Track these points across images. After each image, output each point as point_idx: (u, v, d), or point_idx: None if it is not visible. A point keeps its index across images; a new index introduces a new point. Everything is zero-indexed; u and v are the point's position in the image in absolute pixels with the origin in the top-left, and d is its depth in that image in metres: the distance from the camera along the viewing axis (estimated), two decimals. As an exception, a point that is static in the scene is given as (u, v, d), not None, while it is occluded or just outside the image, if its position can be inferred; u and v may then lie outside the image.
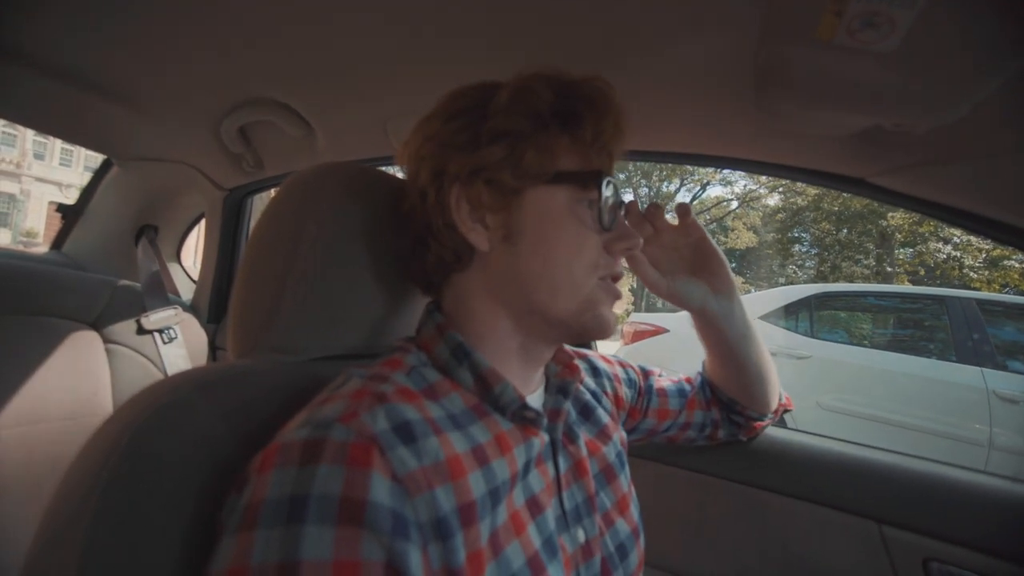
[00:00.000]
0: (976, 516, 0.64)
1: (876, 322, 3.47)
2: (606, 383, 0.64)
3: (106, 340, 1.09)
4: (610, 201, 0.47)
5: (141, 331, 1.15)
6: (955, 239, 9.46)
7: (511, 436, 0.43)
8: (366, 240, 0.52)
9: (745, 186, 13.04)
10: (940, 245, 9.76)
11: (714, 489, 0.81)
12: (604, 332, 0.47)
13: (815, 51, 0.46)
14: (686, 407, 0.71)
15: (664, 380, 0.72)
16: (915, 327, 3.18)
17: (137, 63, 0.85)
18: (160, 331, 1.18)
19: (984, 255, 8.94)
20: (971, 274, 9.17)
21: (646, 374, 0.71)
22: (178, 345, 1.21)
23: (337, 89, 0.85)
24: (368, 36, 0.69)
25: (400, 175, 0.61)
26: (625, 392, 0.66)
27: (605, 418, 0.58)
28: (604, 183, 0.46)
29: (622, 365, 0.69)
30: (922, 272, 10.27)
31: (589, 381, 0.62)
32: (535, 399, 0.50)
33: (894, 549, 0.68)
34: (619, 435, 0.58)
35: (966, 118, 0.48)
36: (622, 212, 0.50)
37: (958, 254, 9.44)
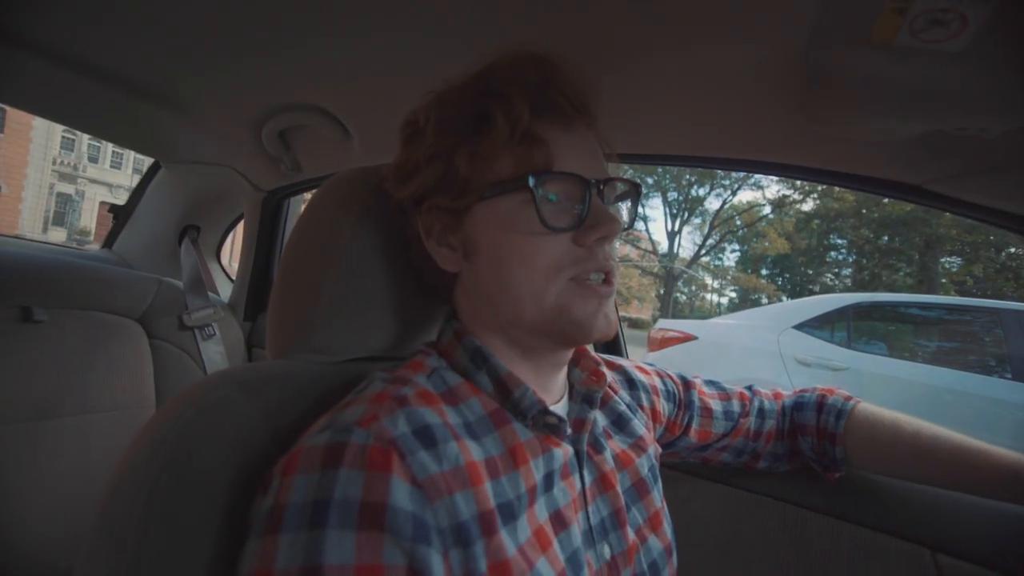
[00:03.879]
0: None
1: (919, 334, 3.29)
2: (643, 396, 0.61)
3: (150, 335, 1.14)
4: (554, 196, 0.42)
5: (182, 327, 1.20)
6: (1010, 248, 8.91)
7: (529, 448, 0.42)
8: (399, 243, 0.52)
9: (778, 191, 12.65)
10: (993, 254, 9.22)
11: (751, 506, 0.78)
12: (584, 336, 0.43)
13: (870, 52, 0.44)
14: (731, 433, 0.66)
15: (710, 396, 0.67)
16: (964, 340, 3.00)
17: (186, 71, 0.89)
18: (200, 328, 1.23)
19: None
20: (1026, 286, 8.62)
21: (687, 385, 0.67)
22: (216, 342, 1.26)
23: (375, 95, 0.86)
24: (405, 48, 0.70)
25: None
26: (664, 406, 0.63)
27: (640, 429, 0.56)
28: (535, 181, 0.41)
29: (660, 376, 0.66)
30: (970, 282, 9.71)
31: (624, 394, 0.59)
32: (559, 408, 0.48)
33: None
34: (654, 448, 0.56)
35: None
36: (592, 197, 0.43)
37: (1014, 264, 8.88)
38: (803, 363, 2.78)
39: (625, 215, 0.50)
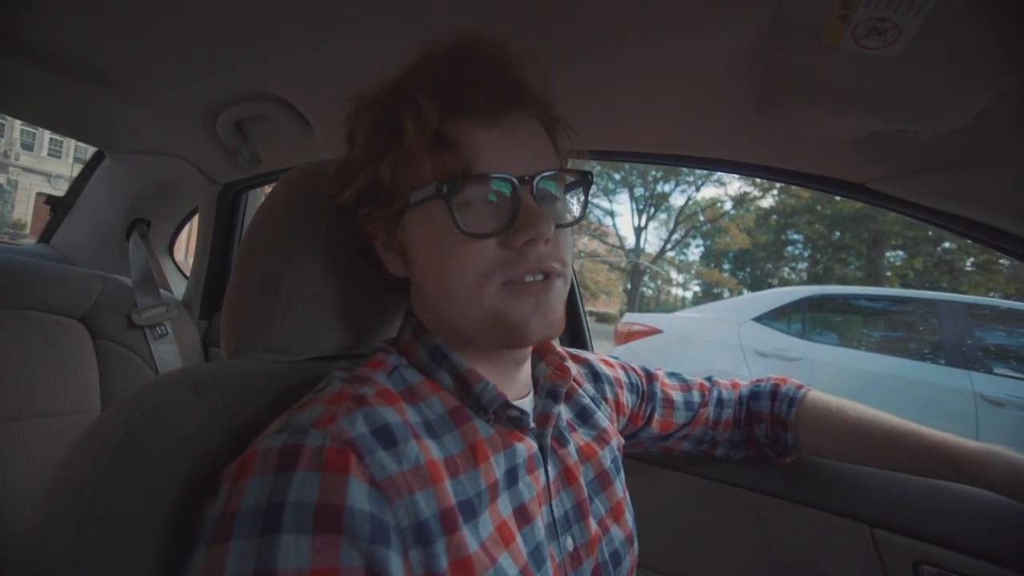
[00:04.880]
0: (966, 520, 0.65)
1: (868, 324, 3.50)
2: (607, 388, 0.62)
3: (95, 336, 1.07)
4: (475, 199, 0.40)
5: (131, 326, 1.13)
6: (945, 243, 9.58)
7: (489, 444, 0.42)
8: (357, 239, 0.51)
9: (739, 188, 13.12)
10: (931, 248, 9.89)
11: (709, 492, 0.81)
12: (521, 339, 0.41)
13: (821, 55, 0.46)
14: (691, 422, 0.69)
15: (672, 388, 0.69)
16: (905, 330, 3.21)
17: (134, 55, 0.84)
18: (151, 327, 1.17)
19: (972, 260, 9.06)
20: (960, 278, 9.29)
21: (650, 377, 0.69)
22: (169, 341, 1.20)
23: (336, 85, 0.84)
24: (368, 35, 0.68)
25: None
26: (627, 398, 0.64)
27: (604, 422, 0.57)
28: (447, 187, 0.39)
29: (624, 368, 0.68)
30: (912, 275, 10.39)
31: (589, 387, 0.60)
32: (524, 403, 0.48)
33: (885, 552, 0.68)
34: (617, 440, 0.57)
35: (967, 126, 0.48)
36: (522, 196, 0.40)
37: (949, 258, 9.57)
38: (761, 354, 2.91)
39: (576, 207, 0.47)
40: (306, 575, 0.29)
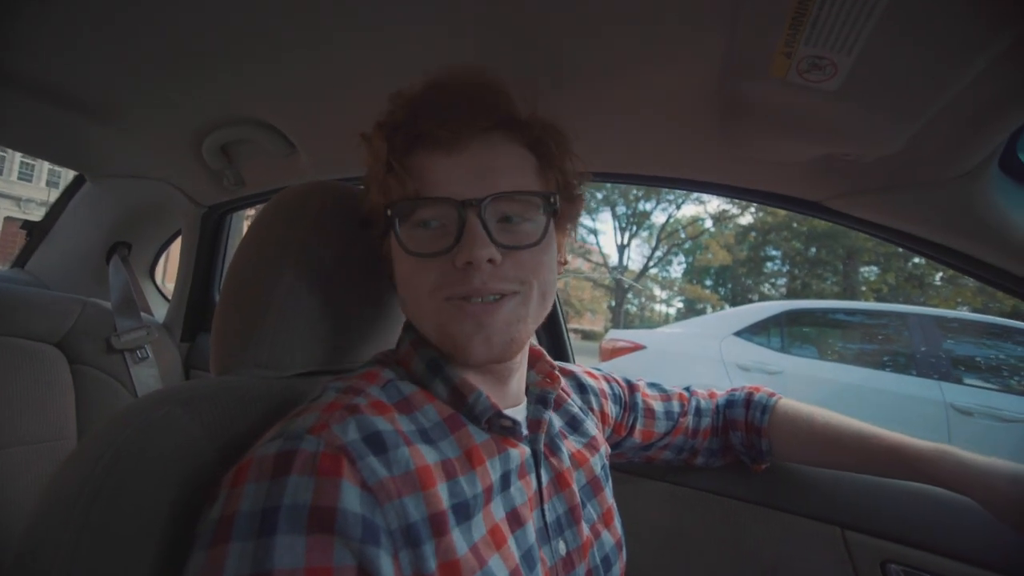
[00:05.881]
0: (929, 519, 0.68)
1: (844, 338, 3.59)
2: (592, 399, 0.64)
3: (71, 360, 1.06)
4: (422, 222, 0.44)
5: (110, 351, 1.12)
6: (915, 259, 9.96)
7: (485, 449, 0.44)
8: (350, 258, 0.53)
9: (718, 206, 13.48)
10: (902, 263, 10.26)
11: (689, 501, 0.83)
12: (462, 356, 0.43)
13: (772, 86, 0.51)
14: (672, 432, 0.71)
15: (652, 398, 0.71)
16: (880, 342, 3.31)
17: (119, 81, 0.85)
18: (131, 351, 1.15)
19: (941, 274, 9.43)
20: (930, 292, 9.64)
21: (631, 388, 0.71)
22: (149, 365, 1.18)
23: (321, 109, 0.86)
24: (354, 58, 0.71)
25: None
26: (611, 408, 0.66)
27: (593, 430, 0.59)
28: (393, 211, 0.44)
29: (607, 380, 0.70)
30: (885, 289, 10.73)
31: (576, 398, 0.62)
32: (517, 412, 0.50)
33: (856, 552, 0.71)
34: (605, 448, 0.59)
35: (905, 150, 0.53)
36: (468, 219, 0.42)
37: (919, 272, 9.94)
38: (743, 368, 2.96)
39: (534, 233, 0.46)
40: (301, 574, 0.30)
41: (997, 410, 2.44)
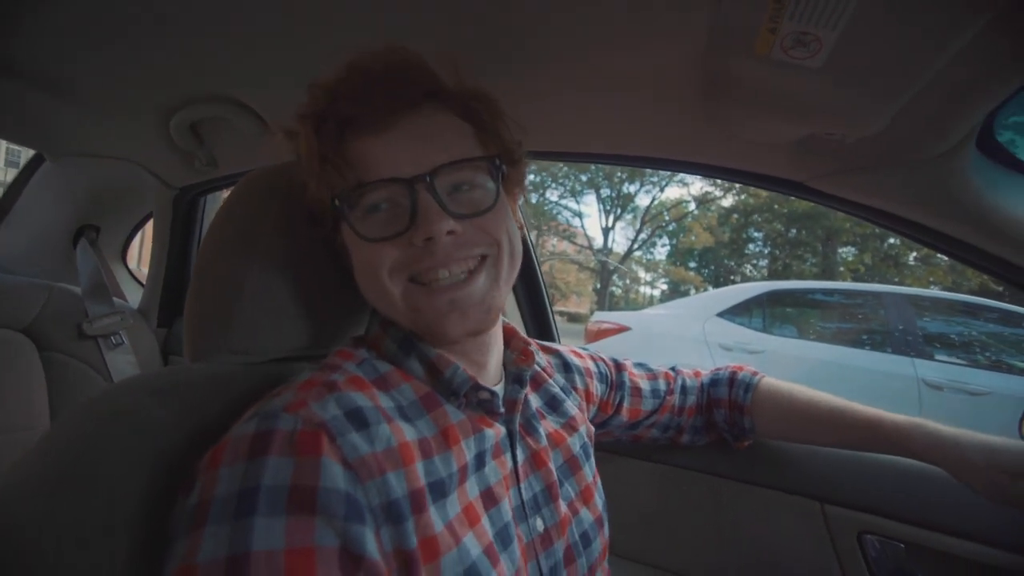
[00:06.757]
0: (905, 492, 0.71)
1: (823, 317, 3.69)
2: (577, 378, 0.64)
3: (41, 348, 1.02)
4: (371, 206, 0.43)
5: (82, 337, 1.08)
6: (890, 239, 10.21)
7: (460, 428, 0.44)
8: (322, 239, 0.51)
9: (702, 188, 13.55)
10: (878, 244, 10.52)
11: (673, 479, 0.85)
12: (439, 336, 0.43)
13: (756, 64, 0.50)
14: (658, 410, 0.72)
15: (639, 377, 0.72)
16: (857, 321, 3.41)
17: (79, 53, 0.80)
18: (104, 337, 1.12)
19: (915, 254, 9.70)
20: (905, 271, 9.93)
21: (618, 367, 0.72)
22: (125, 351, 1.15)
23: (294, 86, 0.83)
24: (324, 36, 0.68)
25: None
26: (597, 387, 0.67)
27: (573, 410, 0.59)
28: (339, 201, 0.43)
29: (594, 359, 0.70)
30: (862, 269, 11.00)
31: (559, 377, 0.62)
32: (496, 390, 0.49)
33: (834, 525, 0.74)
34: (586, 427, 0.60)
35: (887, 129, 0.53)
36: (418, 195, 0.41)
37: (894, 253, 10.20)
38: (726, 348, 3.03)
39: (488, 198, 0.45)
40: (280, 555, 0.29)
41: (965, 384, 2.54)
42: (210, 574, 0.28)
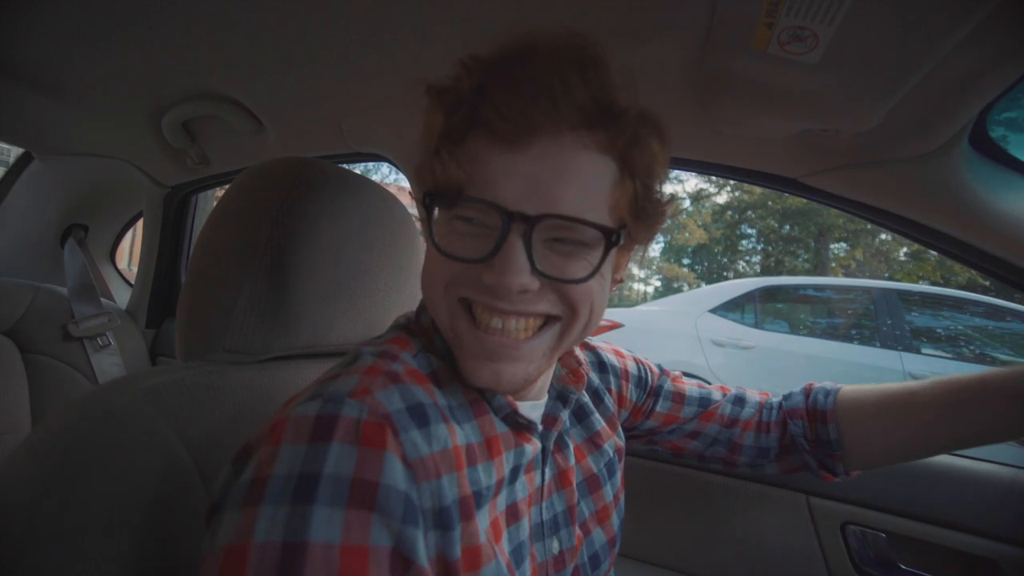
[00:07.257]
0: (886, 483, 0.72)
1: (814, 312, 3.72)
2: (611, 379, 0.61)
3: (24, 350, 1.00)
4: (460, 218, 0.38)
5: (68, 339, 1.06)
6: (881, 235, 10.33)
7: (503, 440, 0.42)
8: (323, 235, 0.51)
9: (696, 184, 13.61)
10: (869, 240, 10.64)
11: (661, 474, 0.86)
12: (464, 372, 0.39)
13: (753, 59, 0.50)
14: (700, 416, 0.65)
15: (687, 384, 0.67)
16: (847, 316, 3.44)
17: (69, 50, 0.79)
18: (91, 338, 1.10)
19: (905, 250, 9.82)
20: (895, 267, 10.06)
21: (663, 373, 0.67)
22: (112, 352, 1.14)
23: (290, 85, 0.82)
24: (319, 32, 0.67)
25: (356, 169, 0.60)
26: (632, 391, 0.63)
27: (599, 424, 0.56)
28: (429, 200, 0.38)
29: (637, 362, 0.66)
30: (854, 265, 11.12)
31: (593, 376, 0.59)
32: (536, 408, 0.47)
33: (818, 517, 0.75)
34: (613, 442, 0.56)
35: (881, 126, 0.53)
36: (509, 232, 0.35)
37: (885, 248, 10.33)
38: (718, 344, 3.05)
39: (585, 267, 0.38)
40: (336, 551, 0.28)
41: (951, 377, 2.58)
42: (265, 556, 0.27)
